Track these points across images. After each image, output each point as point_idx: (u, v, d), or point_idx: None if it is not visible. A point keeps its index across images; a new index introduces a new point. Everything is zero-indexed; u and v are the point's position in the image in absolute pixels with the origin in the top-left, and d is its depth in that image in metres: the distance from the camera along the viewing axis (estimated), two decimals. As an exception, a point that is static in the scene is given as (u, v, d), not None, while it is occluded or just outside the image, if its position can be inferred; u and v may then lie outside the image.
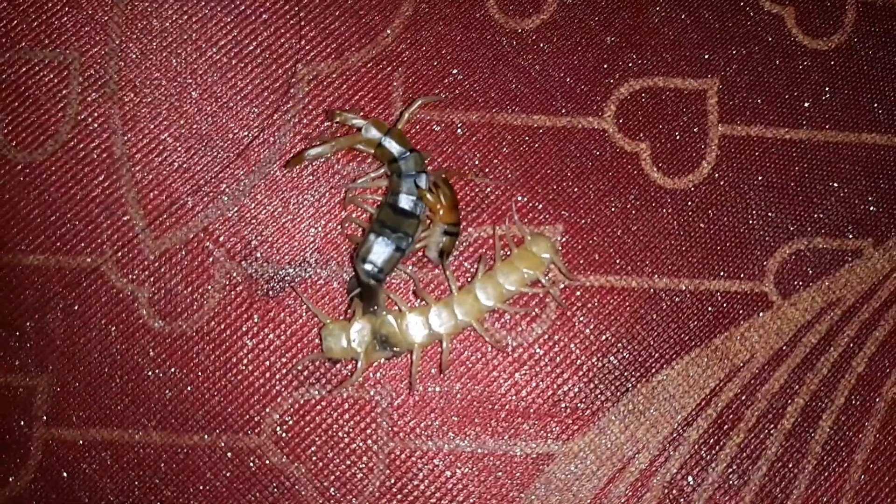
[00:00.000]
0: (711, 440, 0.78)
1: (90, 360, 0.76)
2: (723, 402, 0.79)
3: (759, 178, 0.83)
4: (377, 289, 0.75)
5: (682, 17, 0.84)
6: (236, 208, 0.78)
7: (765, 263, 0.81)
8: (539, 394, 0.78)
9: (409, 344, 0.75)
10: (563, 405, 0.78)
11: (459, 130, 0.81)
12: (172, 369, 0.76)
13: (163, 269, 0.77)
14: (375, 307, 0.75)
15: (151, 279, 0.77)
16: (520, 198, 0.80)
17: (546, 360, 0.78)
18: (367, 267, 0.74)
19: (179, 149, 0.78)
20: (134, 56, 0.79)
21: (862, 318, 0.81)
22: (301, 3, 0.81)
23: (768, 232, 0.82)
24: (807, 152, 0.83)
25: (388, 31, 0.81)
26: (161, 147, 0.78)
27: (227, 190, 0.78)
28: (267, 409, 0.76)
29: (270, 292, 0.77)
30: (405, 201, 0.75)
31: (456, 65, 0.81)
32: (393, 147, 0.76)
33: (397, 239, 0.74)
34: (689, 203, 0.82)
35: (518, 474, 0.77)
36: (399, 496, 0.76)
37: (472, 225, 0.79)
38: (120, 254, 0.77)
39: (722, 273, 0.81)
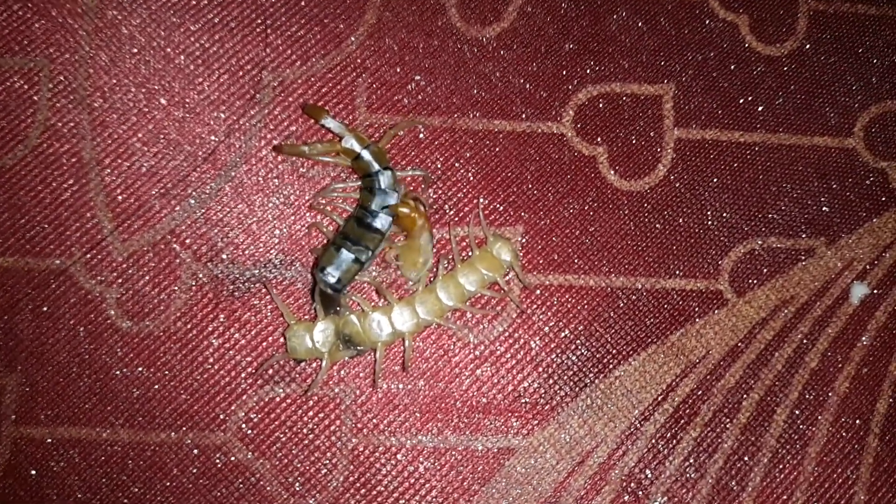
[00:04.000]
0: (668, 434, 0.79)
1: (59, 360, 0.76)
2: (679, 397, 0.80)
3: (714, 180, 0.84)
4: (336, 297, 0.75)
5: (639, 24, 0.85)
6: (203, 211, 0.78)
7: (720, 262, 0.82)
8: (500, 390, 0.79)
9: (373, 343, 0.75)
10: (524, 401, 0.79)
11: (422, 135, 0.82)
12: (140, 368, 0.77)
13: (130, 271, 0.78)
14: (338, 308, 0.76)
15: (119, 280, 0.77)
16: (481, 200, 0.81)
17: (506, 357, 0.79)
18: (326, 277, 0.74)
19: (147, 153, 0.79)
20: (103, 63, 0.80)
21: (815, 315, 0.82)
22: (266, 11, 0.82)
23: (723, 232, 0.83)
24: (761, 155, 0.84)
25: (353, 39, 0.82)
26: (129, 152, 0.79)
27: (194, 193, 0.79)
28: (232, 407, 0.77)
29: (236, 293, 0.78)
30: (372, 216, 0.76)
31: (419, 71, 0.82)
32: (371, 162, 0.76)
33: (357, 251, 0.74)
34: (646, 205, 0.83)
35: (480, 469, 0.77)
36: (363, 491, 0.77)
37: (434, 226, 0.80)
38: (88, 256, 0.77)
39: (678, 272, 0.82)
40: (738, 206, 0.83)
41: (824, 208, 0.84)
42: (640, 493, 0.78)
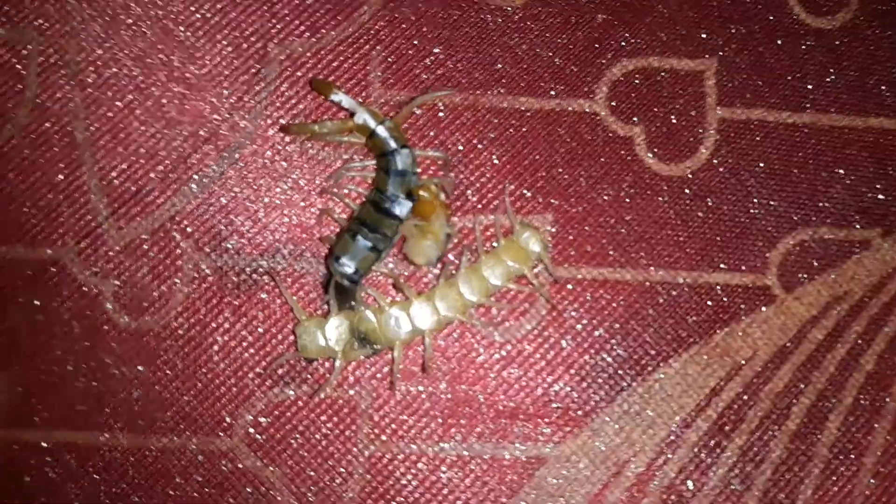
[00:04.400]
0: (712, 442, 0.77)
1: (53, 358, 0.75)
2: (724, 402, 0.77)
3: (761, 164, 0.81)
4: (352, 289, 0.73)
5: (679, -7, 0.83)
6: (205, 196, 0.77)
7: (767, 255, 0.80)
8: (528, 393, 0.77)
9: (390, 341, 0.73)
10: (555, 405, 0.76)
11: (442, 113, 0.79)
12: (140, 368, 0.76)
13: (128, 262, 0.76)
14: (352, 303, 0.74)
15: (116, 272, 0.76)
16: (507, 185, 0.79)
17: (536, 357, 0.77)
18: (341, 268, 0.72)
19: (145, 133, 0.77)
20: (96, 35, 0.78)
21: (871, 313, 0.80)
22: (274, -22, 0.80)
23: (771, 221, 0.81)
24: (811, 137, 0.82)
25: (365, 8, 0.80)
26: (125, 132, 0.77)
27: (196, 177, 0.77)
28: (239, 410, 0.75)
29: (242, 286, 0.76)
30: (390, 201, 0.73)
31: (437, 43, 0.80)
32: (387, 139, 0.74)
33: (375, 239, 0.72)
34: (687, 191, 0.80)
35: (507, 479, 0.76)
36: (381, 502, 0.75)
37: (456, 213, 0.78)
38: (83, 244, 0.76)
39: (722, 265, 0.80)
40: (787, 193, 0.81)
41: (880, 196, 0.82)
42: (681, 505, 0.77)
